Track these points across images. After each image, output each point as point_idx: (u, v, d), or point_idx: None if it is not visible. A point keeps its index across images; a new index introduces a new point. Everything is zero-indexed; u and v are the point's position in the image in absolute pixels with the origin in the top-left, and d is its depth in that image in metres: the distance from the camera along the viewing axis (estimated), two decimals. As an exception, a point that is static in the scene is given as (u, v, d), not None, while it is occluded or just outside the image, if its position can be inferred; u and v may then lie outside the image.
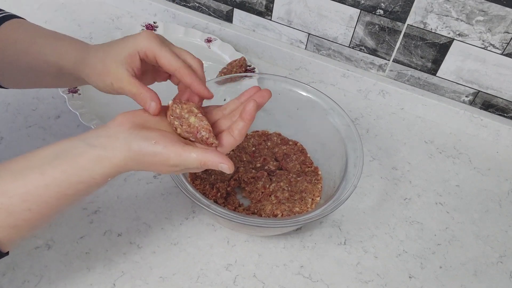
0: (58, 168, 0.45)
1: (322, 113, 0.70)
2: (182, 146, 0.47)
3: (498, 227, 0.72)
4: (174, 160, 0.47)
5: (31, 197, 0.45)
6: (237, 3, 0.91)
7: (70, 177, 0.45)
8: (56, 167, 0.45)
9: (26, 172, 0.45)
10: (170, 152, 0.46)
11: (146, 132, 0.47)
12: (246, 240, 0.66)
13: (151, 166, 0.48)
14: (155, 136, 0.47)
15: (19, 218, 0.45)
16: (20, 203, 0.44)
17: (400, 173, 0.78)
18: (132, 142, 0.46)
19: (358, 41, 0.86)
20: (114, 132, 0.47)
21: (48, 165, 0.45)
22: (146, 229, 0.65)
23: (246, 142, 0.74)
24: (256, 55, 0.95)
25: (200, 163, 0.47)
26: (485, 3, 0.73)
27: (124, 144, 0.46)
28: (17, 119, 0.75)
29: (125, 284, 0.59)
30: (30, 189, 0.45)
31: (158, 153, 0.46)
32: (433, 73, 0.84)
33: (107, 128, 0.48)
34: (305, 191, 0.68)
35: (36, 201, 0.45)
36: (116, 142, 0.46)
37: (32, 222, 0.46)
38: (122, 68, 0.51)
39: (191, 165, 0.47)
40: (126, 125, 0.47)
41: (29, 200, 0.45)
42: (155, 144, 0.46)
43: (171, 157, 0.47)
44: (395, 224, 0.71)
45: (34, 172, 0.45)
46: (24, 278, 0.58)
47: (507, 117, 0.84)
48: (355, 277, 0.64)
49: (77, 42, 0.57)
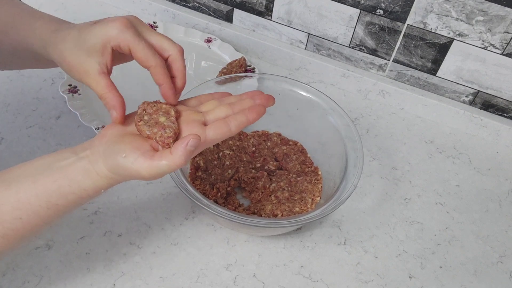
0: (50, 178, 0.45)
1: (322, 113, 0.70)
2: (151, 157, 0.44)
3: (498, 227, 0.72)
4: (145, 173, 0.44)
5: (22, 205, 0.44)
6: (237, 3, 0.91)
7: (61, 187, 0.45)
8: (48, 176, 0.45)
9: (19, 180, 0.45)
10: (139, 166, 0.44)
11: (119, 145, 0.45)
12: (246, 240, 0.66)
13: (131, 177, 0.46)
14: (126, 149, 0.45)
15: (9, 228, 0.44)
16: (11, 211, 0.44)
17: (400, 173, 0.78)
18: (107, 158, 0.45)
19: (358, 41, 0.86)
20: (96, 145, 0.46)
21: (40, 174, 0.45)
22: (146, 230, 0.65)
23: (246, 142, 0.74)
24: (256, 55, 0.95)
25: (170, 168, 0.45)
26: (485, 3, 0.73)
27: (103, 158, 0.45)
28: (17, 119, 0.75)
29: (125, 284, 0.59)
30: (21, 197, 0.44)
31: (128, 168, 0.44)
32: (433, 73, 0.84)
33: (92, 141, 0.47)
34: (305, 191, 0.68)
35: (26, 210, 0.44)
36: (97, 156, 0.46)
37: (22, 232, 0.45)
38: (92, 61, 0.47)
39: (163, 171, 0.45)
40: (106, 137, 0.47)
41: (20, 209, 0.44)
42: (125, 158, 0.44)
43: (141, 170, 0.44)
44: (395, 224, 0.71)
45: (27, 180, 0.45)
46: (24, 278, 0.58)
47: (507, 117, 0.84)
48: (355, 277, 0.64)
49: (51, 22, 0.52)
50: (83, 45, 0.47)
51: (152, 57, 0.48)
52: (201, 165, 0.69)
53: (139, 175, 0.45)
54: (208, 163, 0.70)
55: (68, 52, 0.48)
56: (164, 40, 0.50)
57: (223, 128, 0.49)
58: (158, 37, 0.50)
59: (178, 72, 0.51)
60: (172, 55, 0.50)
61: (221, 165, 0.71)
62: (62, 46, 0.48)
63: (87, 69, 0.47)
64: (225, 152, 0.72)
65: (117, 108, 0.48)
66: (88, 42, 0.47)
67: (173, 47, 0.50)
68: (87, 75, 0.47)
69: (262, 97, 0.53)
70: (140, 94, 0.50)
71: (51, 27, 0.50)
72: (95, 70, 0.47)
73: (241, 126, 0.50)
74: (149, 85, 0.51)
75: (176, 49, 0.50)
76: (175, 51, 0.50)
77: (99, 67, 0.47)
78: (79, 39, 0.47)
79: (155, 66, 0.48)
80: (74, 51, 0.47)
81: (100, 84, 0.47)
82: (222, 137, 0.49)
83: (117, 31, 0.47)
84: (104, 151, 0.45)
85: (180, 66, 0.50)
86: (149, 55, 0.48)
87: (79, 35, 0.48)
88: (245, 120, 0.50)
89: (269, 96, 0.53)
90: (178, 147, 0.44)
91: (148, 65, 0.48)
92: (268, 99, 0.53)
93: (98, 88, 0.47)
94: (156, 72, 0.48)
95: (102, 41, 0.47)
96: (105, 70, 0.48)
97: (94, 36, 0.47)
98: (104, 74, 0.48)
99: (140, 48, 0.47)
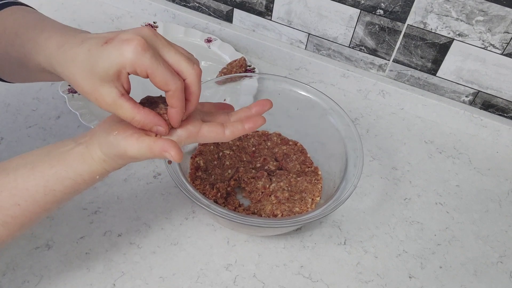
0: (47, 164, 0.46)
1: (322, 113, 0.70)
2: (138, 138, 0.45)
3: (498, 227, 0.72)
4: (130, 151, 0.45)
5: (20, 191, 0.45)
6: (237, 3, 0.91)
7: (58, 172, 0.46)
8: (46, 162, 0.46)
9: (18, 168, 0.46)
10: (126, 144, 0.45)
11: (113, 126, 0.46)
12: (246, 240, 0.66)
13: (120, 156, 0.46)
14: (119, 127, 0.46)
15: (8, 215, 0.45)
16: (9, 198, 0.45)
17: (400, 173, 0.78)
18: (100, 138, 0.46)
19: (358, 41, 0.86)
20: (95, 131, 0.47)
21: (39, 161, 0.46)
22: (146, 229, 0.65)
23: (246, 142, 0.74)
24: (256, 55, 0.95)
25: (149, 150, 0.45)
26: (485, 3, 0.73)
27: (98, 140, 0.46)
28: (17, 119, 0.75)
29: (125, 284, 0.59)
30: (19, 184, 0.45)
31: (117, 145, 0.45)
32: (433, 73, 0.84)
33: (93, 129, 0.48)
34: (305, 191, 0.68)
35: (24, 196, 0.45)
36: (94, 140, 0.47)
37: (21, 220, 0.46)
38: (107, 88, 0.43)
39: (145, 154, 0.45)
40: (106, 123, 0.48)
41: (17, 195, 0.45)
42: (116, 135, 0.45)
43: (127, 148, 0.45)
44: (395, 224, 0.71)
45: (25, 167, 0.46)
46: (24, 278, 0.58)
47: (507, 117, 0.84)
48: (355, 277, 0.64)
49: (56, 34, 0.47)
50: (95, 70, 0.42)
51: (171, 81, 0.43)
52: (201, 165, 0.69)
53: (125, 152, 0.45)
54: (208, 163, 0.70)
55: (79, 77, 0.43)
56: (183, 61, 0.44)
57: (218, 130, 0.49)
58: (177, 56, 0.44)
59: (192, 96, 0.46)
60: (190, 79, 0.45)
61: (221, 165, 0.71)
62: (72, 69, 0.44)
63: (104, 96, 0.43)
64: (225, 152, 0.72)
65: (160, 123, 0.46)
66: (100, 67, 0.42)
67: (191, 71, 0.45)
68: (106, 103, 0.44)
69: (258, 103, 0.53)
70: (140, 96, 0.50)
71: (56, 41, 0.46)
72: (113, 95, 0.43)
73: (236, 132, 0.50)
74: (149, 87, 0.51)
75: (194, 73, 0.45)
76: (193, 76, 0.45)
77: (117, 90, 0.43)
78: (90, 62, 0.42)
79: (174, 90, 0.44)
80: (86, 77, 0.43)
81: (123, 108, 0.44)
82: (215, 138, 0.49)
83: (133, 55, 0.41)
84: (100, 132, 0.47)
85: (196, 90, 0.46)
86: (169, 79, 0.43)
87: (89, 57, 0.42)
88: (241, 128, 0.50)
89: (265, 101, 0.53)
90: (161, 143, 0.45)
91: (167, 89, 0.44)
92: (264, 104, 0.53)
93: (123, 113, 0.44)
94: (173, 96, 0.44)
95: (116, 66, 0.42)
96: (123, 92, 0.44)
97: (106, 60, 0.42)
98: (125, 96, 0.44)
99: (159, 73, 0.42)
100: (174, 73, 0.44)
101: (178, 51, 0.45)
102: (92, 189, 0.68)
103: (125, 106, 0.44)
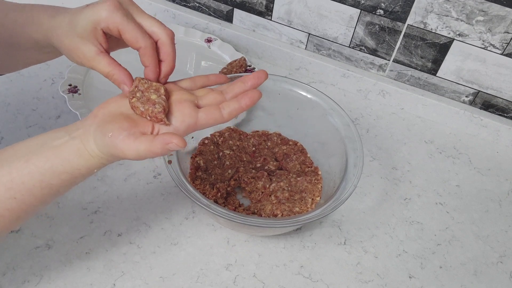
0: (42, 157, 0.45)
1: (322, 113, 0.70)
2: (135, 139, 0.45)
3: (498, 227, 0.72)
4: (128, 153, 0.45)
5: (15, 185, 0.45)
6: (237, 3, 0.91)
7: (54, 166, 0.45)
8: (40, 156, 0.45)
9: (11, 160, 0.45)
10: (123, 146, 0.45)
11: (108, 125, 0.46)
12: (246, 240, 0.66)
13: (118, 157, 0.46)
14: (114, 128, 0.45)
15: (4, 208, 0.45)
16: (5, 191, 0.44)
17: (400, 173, 0.78)
18: (96, 137, 0.46)
19: (358, 41, 0.86)
20: (88, 125, 0.46)
21: (33, 154, 0.45)
22: (146, 229, 0.65)
23: (246, 142, 0.74)
24: (256, 55, 0.95)
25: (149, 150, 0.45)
26: (485, 3, 0.73)
27: (94, 138, 0.46)
28: (17, 119, 0.75)
29: (125, 284, 0.59)
30: (15, 177, 0.45)
31: (114, 147, 0.45)
32: (433, 73, 0.84)
33: (85, 120, 0.47)
34: (305, 191, 0.68)
35: (20, 189, 0.45)
36: (88, 135, 0.46)
37: (17, 212, 0.46)
38: (89, 44, 0.47)
39: (143, 155, 0.45)
40: (98, 117, 0.47)
41: (13, 188, 0.45)
42: (111, 137, 0.45)
43: (124, 150, 0.45)
44: (395, 224, 0.71)
45: (20, 160, 0.45)
46: (24, 278, 0.58)
47: (507, 117, 0.84)
48: (355, 277, 0.64)
49: (48, 8, 0.52)
50: (76, 29, 0.47)
51: (141, 38, 0.47)
52: (201, 165, 0.69)
53: (124, 154, 0.45)
54: (208, 163, 0.70)
55: (64, 37, 0.48)
56: (155, 23, 0.49)
57: (216, 114, 0.48)
58: (149, 19, 0.49)
59: (166, 56, 0.50)
60: (162, 39, 0.49)
61: (221, 165, 0.71)
62: (59, 31, 0.48)
63: (85, 52, 0.48)
64: (225, 152, 0.72)
65: (126, 82, 0.48)
66: (80, 26, 0.47)
67: (163, 31, 0.49)
68: (86, 59, 0.48)
69: (252, 76, 0.51)
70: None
71: (49, 13, 0.51)
72: (93, 52, 0.48)
73: (233, 112, 0.49)
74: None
75: (166, 33, 0.49)
76: (164, 35, 0.49)
77: (96, 48, 0.48)
78: (72, 23, 0.48)
79: (144, 47, 0.48)
80: (70, 36, 0.48)
81: (101, 63, 0.48)
82: (214, 122, 0.49)
83: (106, 12, 0.46)
84: (95, 131, 0.46)
85: (169, 50, 0.50)
86: (138, 36, 0.47)
87: (73, 19, 0.48)
88: (238, 106, 0.49)
89: (260, 73, 0.52)
90: (160, 139, 0.45)
91: (137, 46, 0.48)
92: (259, 76, 0.51)
93: (101, 67, 0.48)
94: (144, 54, 0.48)
95: (92, 23, 0.47)
96: (102, 50, 0.48)
97: (84, 19, 0.47)
98: (103, 54, 0.48)
99: (129, 29, 0.47)
100: (144, 32, 0.48)
101: (150, 17, 0.50)
102: (92, 189, 0.68)
103: (103, 62, 0.48)
